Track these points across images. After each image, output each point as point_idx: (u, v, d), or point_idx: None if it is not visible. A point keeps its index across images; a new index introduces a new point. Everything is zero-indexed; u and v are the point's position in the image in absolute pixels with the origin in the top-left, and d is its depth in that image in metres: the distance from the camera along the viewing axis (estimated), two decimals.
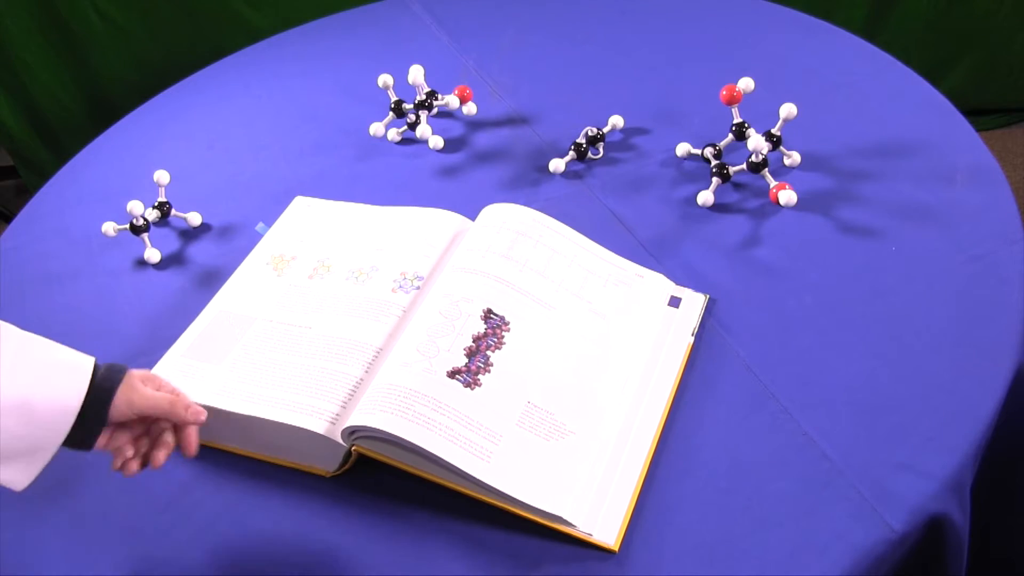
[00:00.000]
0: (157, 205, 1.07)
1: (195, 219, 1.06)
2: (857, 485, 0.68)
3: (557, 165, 1.02)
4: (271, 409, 0.76)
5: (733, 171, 0.96)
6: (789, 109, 0.93)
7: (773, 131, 0.95)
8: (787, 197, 0.90)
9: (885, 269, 0.84)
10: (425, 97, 1.11)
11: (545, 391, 0.76)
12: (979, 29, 1.78)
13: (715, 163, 0.97)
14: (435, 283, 0.84)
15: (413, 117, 1.12)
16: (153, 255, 1.02)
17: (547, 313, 0.82)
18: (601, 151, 1.04)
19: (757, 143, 0.93)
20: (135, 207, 1.03)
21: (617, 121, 1.06)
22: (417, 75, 1.11)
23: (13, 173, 1.93)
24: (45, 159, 1.81)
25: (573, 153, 1.04)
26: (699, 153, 1.00)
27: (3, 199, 2.03)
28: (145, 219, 1.03)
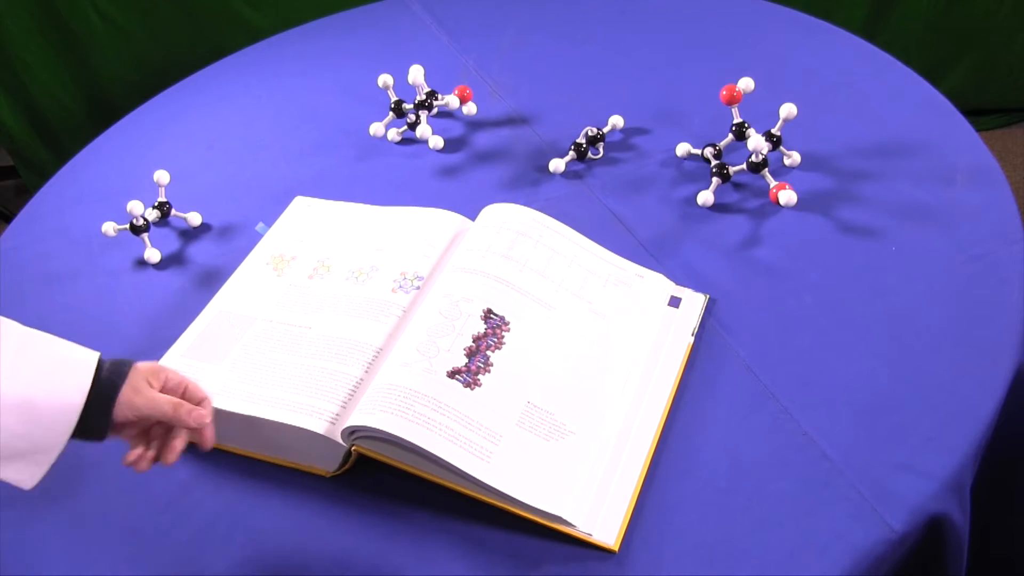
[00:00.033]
0: (157, 205, 1.07)
1: (195, 219, 1.06)
2: (857, 485, 0.68)
3: (557, 165, 1.02)
4: (271, 409, 0.76)
5: (733, 171, 0.96)
6: (789, 109, 0.93)
7: (773, 131, 0.95)
8: (787, 197, 0.90)
9: (885, 269, 0.84)
10: (425, 97, 1.11)
11: (545, 391, 0.76)
12: (979, 29, 1.78)
13: (715, 163, 0.97)
14: (435, 283, 0.84)
15: (413, 117, 1.12)
16: (153, 255, 1.02)
17: (547, 313, 0.82)
18: (601, 151, 1.04)
19: (757, 143, 0.93)
20: (135, 207, 1.03)
21: (617, 121, 1.06)
22: (417, 75, 1.11)
23: (13, 173, 1.93)
24: (45, 159, 1.81)
25: (573, 153, 1.04)
26: (699, 153, 1.00)
27: (3, 199, 2.03)
28: (145, 219, 1.03)
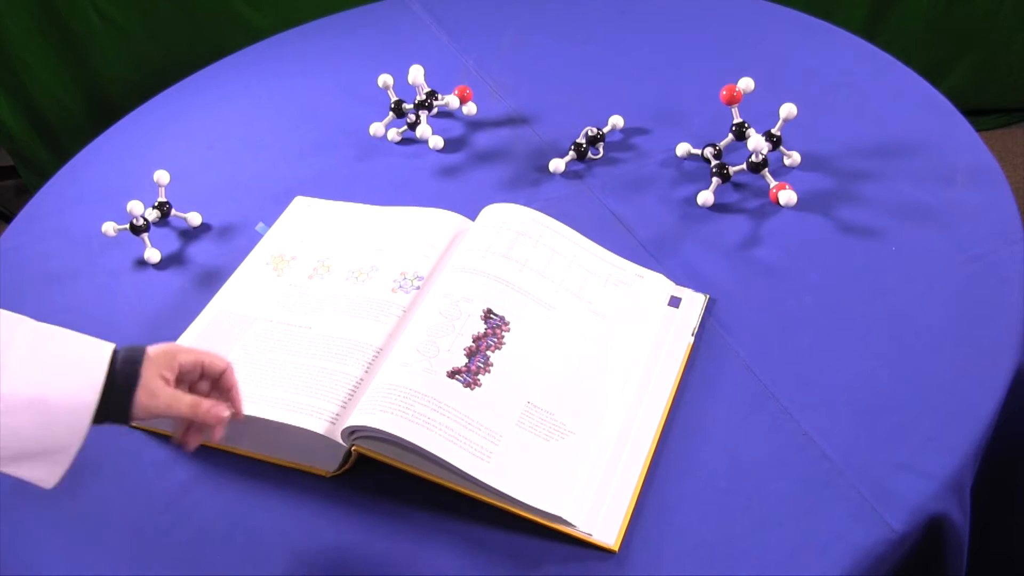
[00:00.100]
0: (157, 205, 1.07)
1: (195, 219, 1.06)
2: (857, 485, 0.68)
3: (557, 165, 1.02)
4: (271, 409, 0.76)
5: (733, 171, 0.96)
6: (789, 109, 0.93)
7: (773, 131, 0.95)
8: (787, 197, 0.90)
9: (885, 269, 0.84)
10: (425, 97, 1.11)
11: (545, 391, 0.76)
12: (979, 29, 1.78)
13: (715, 163, 0.97)
14: (435, 283, 0.84)
15: (413, 117, 1.12)
16: (153, 255, 1.02)
17: (547, 313, 0.82)
18: (601, 151, 1.04)
19: (757, 143, 0.92)
20: (135, 207, 1.03)
21: (617, 121, 1.06)
22: (417, 75, 1.11)
23: (13, 173, 1.93)
24: (45, 159, 1.81)
25: (573, 153, 1.04)
26: (699, 153, 1.00)
27: (3, 199, 2.03)
28: (145, 219, 1.03)
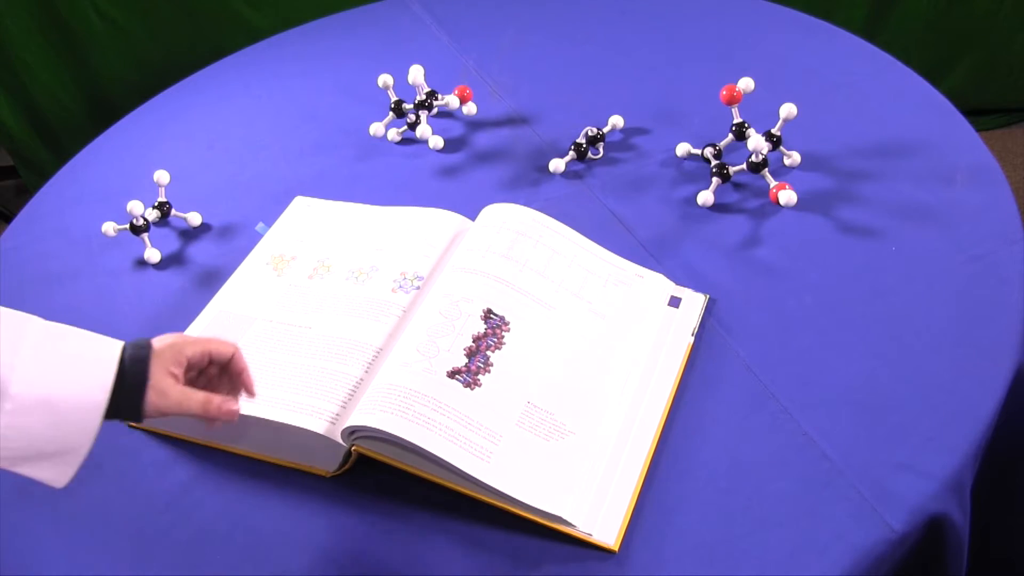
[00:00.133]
0: (157, 205, 1.07)
1: (195, 219, 1.06)
2: (857, 485, 0.68)
3: (557, 165, 1.02)
4: (271, 409, 0.76)
5: (733, 171, 0.96)
6: (789, 109, 0.93)
7: (773, 131, 0.95)
8: (787, 197, 0.90)
9: (885, 269, 0.84)
10: (425, 97, 1.11)
11: (545, 391, 0.76)
12: (979, 29, 1.78)
13: (715, 163, 0.97)
14: (435, 283, 0.84)
15: (413, 117, 1.12)
16: (153, 255, 1.02)
17: (547, 313, 0.81)
18: (601, 151, 1.04)
19: (757, 143, 0.92)
20: (135, 207, 1.03)
21: (617, 121, 1.06)
22: (417, 75, 1.11)
23: (13, 173, 1.93)
24: (45, 159, 1.80)
25: (573, 153, 1.04)
26: (699, 153, 1.00)
27: (3, 199, 2.03)
28: (145, 219, 1.03)
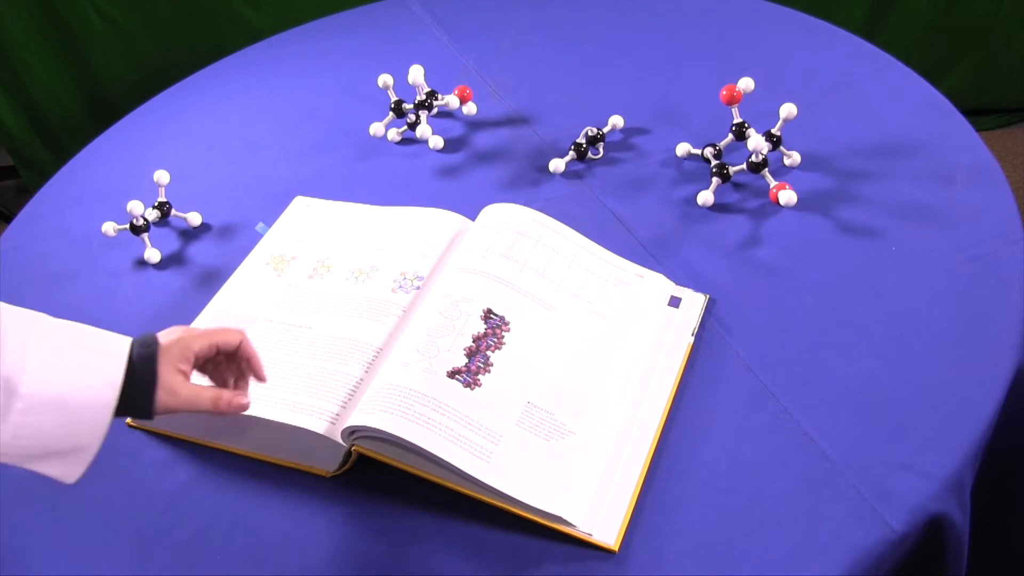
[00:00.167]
0: (157, 205, 1.07)
1: (195, 219, 1.06)
2: (857, 485, 0.68)
3: (557, 165, 1.02)
4: (271, 409, 0.76)
5: (733, 171, 0.96)
6: (789, 109, 0.93)
7: (773, 131, 0.95)
8: (787, 197, 0.90)
9: (885, 269, 0.84)
10: (425, 97, 1.11)
11: (545, 391, 0.76)
12: (979, 29, 1.78)
13: (715, 163, 0.97)
14: (435, 283, 0.84)
15: (413, 117, 1.12)
16: (153, 255, 1.02)
17: (547, 313, 0.81)
18: (601, 151, 1.04)
19: (757, 143, 0.92)
20: (135, 207, 1.03)
21: (617, 121, 1.06)
22: (417, 75, 1.11)
23: (13, 173, 1.93)
24: (45, 159, 1.80)
25: (573, 153, 1.04)
26: (699, 153, 1.00)
27: (3, 199, 2.03)
28: (145, 219, 1.03)
